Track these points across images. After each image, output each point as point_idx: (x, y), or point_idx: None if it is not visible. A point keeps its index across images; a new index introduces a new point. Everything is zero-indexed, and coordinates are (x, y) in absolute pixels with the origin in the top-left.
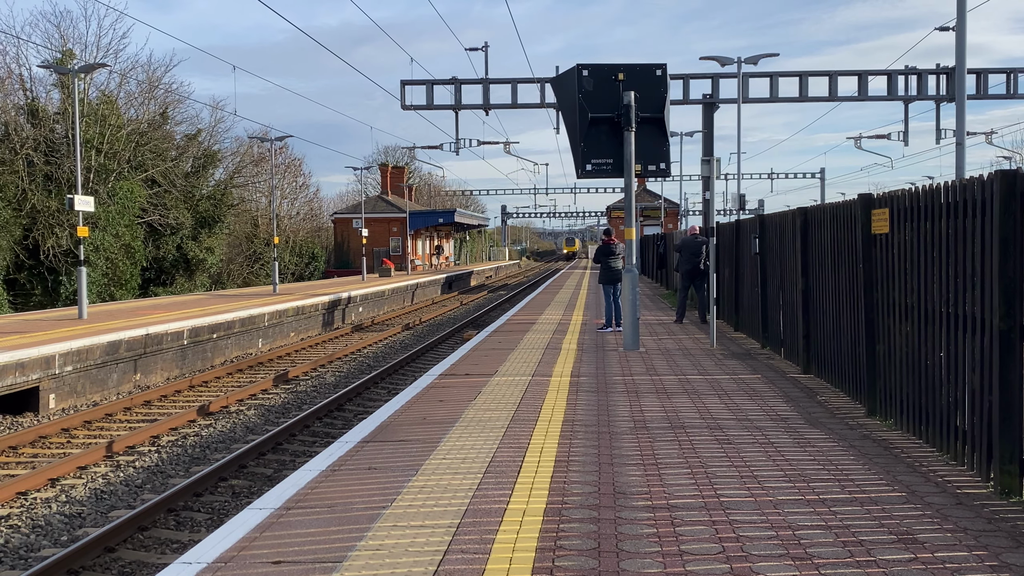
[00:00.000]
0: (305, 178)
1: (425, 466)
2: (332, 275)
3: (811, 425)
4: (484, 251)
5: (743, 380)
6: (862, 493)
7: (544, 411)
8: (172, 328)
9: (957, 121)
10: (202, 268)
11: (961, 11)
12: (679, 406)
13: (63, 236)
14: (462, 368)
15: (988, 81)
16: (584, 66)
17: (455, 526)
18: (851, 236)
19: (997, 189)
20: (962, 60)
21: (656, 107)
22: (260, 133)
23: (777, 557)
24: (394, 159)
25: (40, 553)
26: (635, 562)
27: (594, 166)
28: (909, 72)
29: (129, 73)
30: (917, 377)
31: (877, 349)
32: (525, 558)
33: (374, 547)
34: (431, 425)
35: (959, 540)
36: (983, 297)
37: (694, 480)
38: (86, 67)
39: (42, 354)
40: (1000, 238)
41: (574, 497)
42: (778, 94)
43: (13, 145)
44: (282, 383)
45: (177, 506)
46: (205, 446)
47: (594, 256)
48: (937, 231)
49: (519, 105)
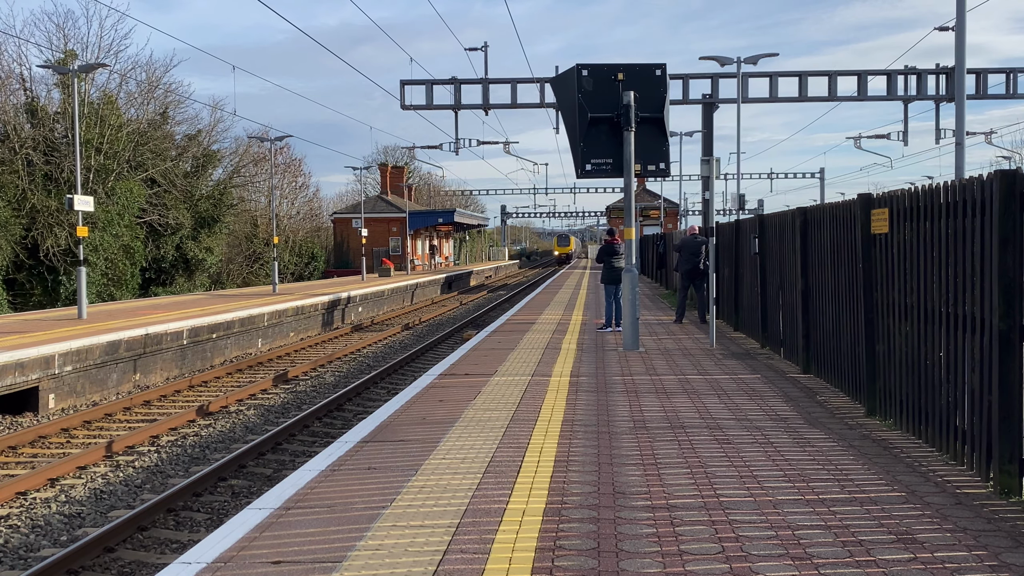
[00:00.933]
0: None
1: (425, 466)
2: (332, 275)
3: (811, 425)
4: (484, 251)
5: (743, 380)
6: (862, 493)
7: (544, 411)
8: (172, 328)
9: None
10: (202, 268)
11: (961, 11)
12: (679, 406)
13: (63, 236)
14: (462, 368)
15: (988, 81)
16: (584, 66)
17: (455, 526)
18: (851, 236)
19: (996, 189)
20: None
21: (656, 107)
22: (260, 133)
23: (777, 557)
24: (394, 159)
25: (40, 553)
26: (635, 562)
27: (594, 166)
28: (909, 72)
29: (129, 73)
30: (917, 377)
31: (877, 349)
32: (525, 558)
33: (374, 547)
34: (431, 425)
35: (959, 540)
36: (982, 297)
37: (694, 480)
38: (86, 67)
39: (42, 354)
40: (1000, 238)
41: (574, 497)
42: (778, 94)
43: (13, 145)
44: (282, 383)
45: (177, 506)
46: (205, 446)
47: (597, 255)
48: (937, 231)
49: (519, 105)
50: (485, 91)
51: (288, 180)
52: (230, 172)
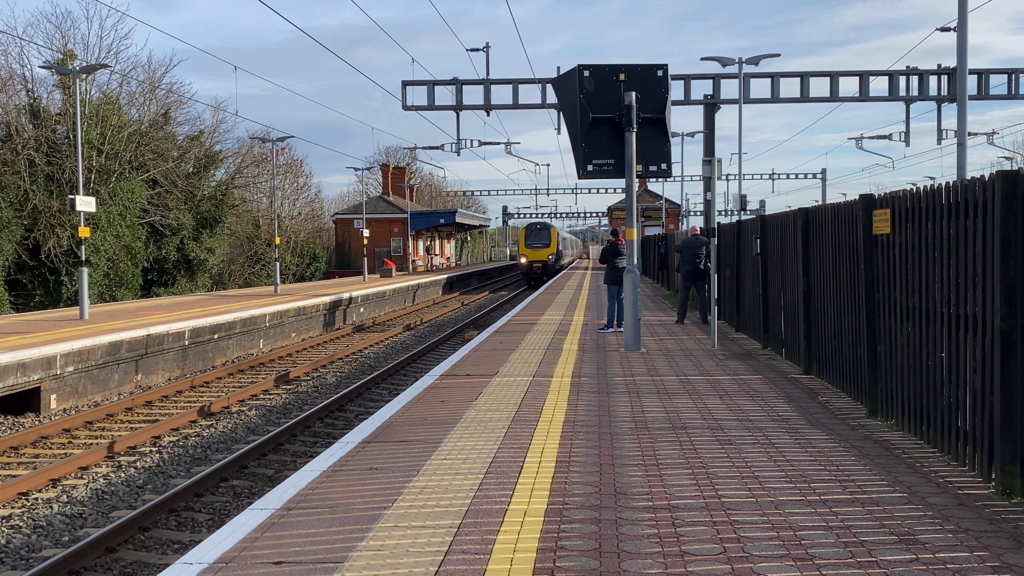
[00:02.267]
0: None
1: (426, 466)
2: (333, 275)
3: (812, 426)
4: (486, 252)
5: (744, 381)
6: (863, 494)
7: (545, 411)
8: (173, 328)
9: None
10: (203, 269)
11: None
12: (680, 407)
13: (64, 236)
14: (463, 368)
15: (989, 82)
16: (585, 67)
17: (456, 526)
18: (852, 237)
19: (998, 190)
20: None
21: (657, 107)
22: (261, 134)
23: (778, 558)
24: (395, 159)
25: (41, 553)
26: (636, 563)
27: (595, 167)
28: (910, 72)
29: (130, 73)
30: (918, 378)
31: (878, 350)
32: (526, 559)
33: (375, 547)
34: (432, 425)
35: (960, 541)
36: (984, 298)
37: (695, 481)
38: (87, 68)
39: (44, 354)
40: (1001, 239)
41: (575, 498)
42: (779, 94)
43: (15, 146)
44: (283, 383)
45: (178, 506)
46: (206, 446)
47: (600, 256)
48: (938, 232)
49: (520, 106)
50: (487, 92)
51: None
52: (232, 173)
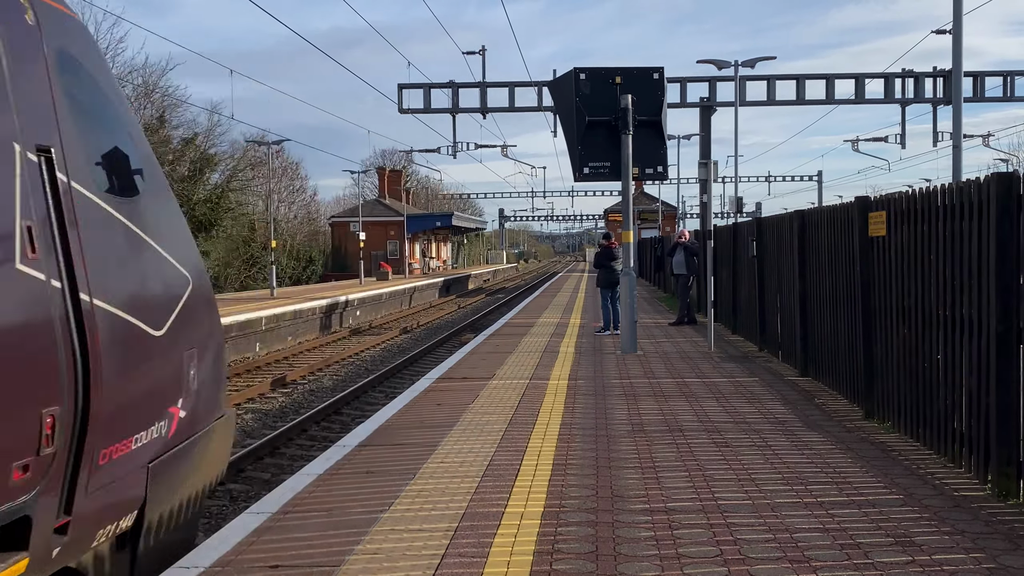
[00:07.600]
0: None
1: (423, 470)
2: (330, 279)
3: (809, 428)
4: (482, 254)
5: (740, 383)
6: (859, 496)
7: (542, 414)
8: None
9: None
10: None
11: (957, 14)
12: (677, 409)
13: None
14: (460, 371)
15: (985, 84)
16: (581, 70)
17: (453, 530)
18: (848, 239)
19: (994, 192)
20: (958, 63)
21: (653, 110)
22: (257, 137)
23: (775, 560)
24: (391, 162)
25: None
26: (633, 565)
27: (592, 169)
28: (906, 75)
29: (126, 77)
30: (914, 380)
31: (874, 352)
32: (523, 561)
33: (371, 551)
34: (429, 429)
35: (957, 543)
36: (980, 300)
37: (692, 483)
38: None
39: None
40: (997, 241)
41: (572, 500)
42: (775, 97)
43: None
44: (279, 387)
45: None
46: None
47: (594, 260)
48: (934, 234)
49: (516, 108)
50: (483, 95)
51: (286, 184)
52: (227, 176)
